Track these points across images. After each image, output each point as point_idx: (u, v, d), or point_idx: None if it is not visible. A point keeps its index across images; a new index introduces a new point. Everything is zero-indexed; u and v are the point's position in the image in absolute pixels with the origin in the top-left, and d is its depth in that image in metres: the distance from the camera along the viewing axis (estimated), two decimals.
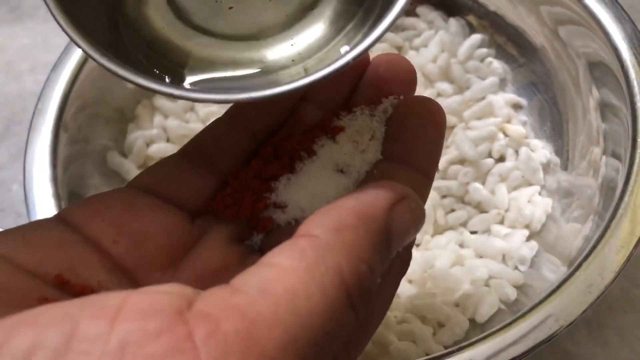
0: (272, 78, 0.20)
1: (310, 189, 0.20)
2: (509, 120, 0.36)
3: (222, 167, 0.21)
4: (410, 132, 0.21)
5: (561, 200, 0.34)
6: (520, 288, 0.31)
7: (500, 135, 0.35)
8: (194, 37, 0.21)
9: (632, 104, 0.29)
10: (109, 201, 0.19)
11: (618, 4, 0.32)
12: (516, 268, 0.32)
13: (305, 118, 0.22)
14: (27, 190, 0.30)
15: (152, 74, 0.19)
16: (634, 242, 0.26)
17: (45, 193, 0.30)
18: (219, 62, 0.20)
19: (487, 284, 0.31)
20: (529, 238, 0.33)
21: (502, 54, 0.39)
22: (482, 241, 0.33)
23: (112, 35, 0.19)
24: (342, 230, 0.14)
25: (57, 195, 0.30)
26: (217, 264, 0.19)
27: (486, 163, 0.35)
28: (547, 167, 0.35)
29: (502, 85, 0.38)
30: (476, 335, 0.25)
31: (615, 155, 0.30)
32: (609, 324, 0.31)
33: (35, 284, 0.16)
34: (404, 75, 0.22)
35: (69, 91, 0.33)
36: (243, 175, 0.21)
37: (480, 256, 0.33)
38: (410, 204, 0.16)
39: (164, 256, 0.19)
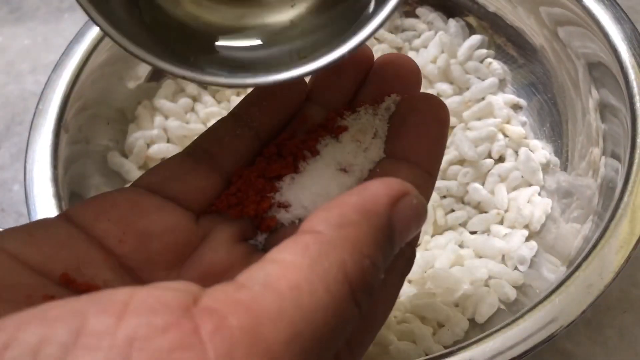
0: (272, 54, 0.20)
1: (314, 189, 0.20)
2: (508, 121, 0.36)
3: (226, 167, 0.21)
4: (412, 129, 0.21)
5: (561, 200, 0.34)
6: (520, 288, 0.31)
7: (500, 136, 0.35)
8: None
9: (632, 105, 0.29)
10: (115, 200, 0.19)
11: (617, 4, 0.32)
12: (516, 268, 0.32)
13: (309, 118, 0.22)
14: (27, 191, 0.30)
15: (163, 53, 0.19)
16: (634, 242, 0.26)
17: (46, 193, 0.30)
18: (221, 27, 0.20)
19: (486, 284, 0.31)
20: (528, 238, 0.33)
21: (501, 54, 0.39)
22: (481, 241, 0.33)
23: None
24: (345, 226, 0.14)
25: (58, 195, 0.30)
26: (222, 263, 0.19)
27: (486, 163, 0.35)
28: (546, 167, 0.35)
29: (501, 85, 0.38)
30: (476, 336, 0.25)
31: (615, 156, 0.30)
32: (609, 324, 0.31)
33: (41, 282, 0.16)
34: (409, 75, 0.22)
35: (70, 92, 0.33)
36: (247, 175, 0.21)
37: (479, 256, 0.33)
38: (412, 200, 0.16)
39: (169, 255, 0.19)
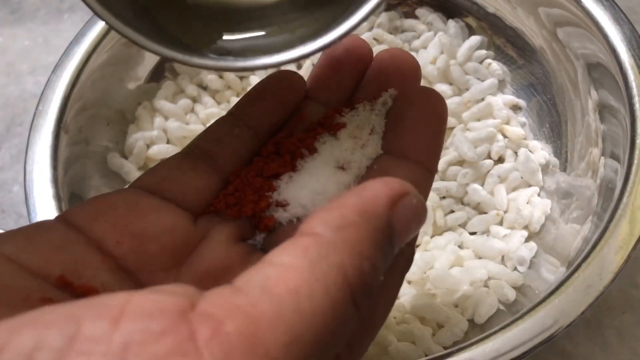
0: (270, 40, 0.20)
1: (312, 187, 0.20)
2: (507, 122, 0.36)
3: (225, 167, 0.21)
4: (410, 124, 0.20)
5: (560, 201, 0.34)
6: (519, 289, 0.31)
7: (499, 137, 0.35)
8: None
9: (631, 105, 0.29)
10: (112, 202, 0.19)
11: (616, 5, 0.32)
12: (515, 269, 0.32)
13: (308, 116, 0.22)
14: (27, 192, 0.30)
15: (152, 33, 0.19)
16: (633, 243, 0.26)
17: (46, 194, 0.30)
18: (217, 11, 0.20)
19: (486, 284, 0.31)
20: (528, 239, 0.33)
21: (501, 55, 0.39)
22: (481, 242, 0.33)
23: None
24: (345, 227, 0.14)
25: (58, 196, 0.30)
26: (220, 264, 0.19)
27: (485, 164, 0.35)
28: (546, 168, 0.35)
29: (501, 86, 0.38)
30: (475, 336, 0.25)
31: (614, 157, 0.30)
32: (608, 325, 0.31)
33: (39, 285, 0.16)
34: (408, 71, 0.22)
35: (70, 93, 0.33)
36: (245, 174, 0.21)
37: (479, 257, 0.33)
38: (412, 200, 0.15)
39: (167, 256, 0.19)
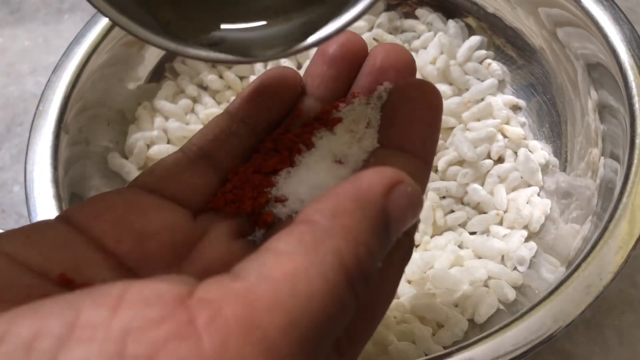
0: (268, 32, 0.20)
1: (310, 181, 0.20)
2: (507, 122, 0.36)
3: (223, 164, 0.21)
4: (405, 117, 0.20)
5: (560, 201, 0.34)
6: (519, 288, 0.31)
7: (499, 137, 0.35)
8: None
9: (630, 106, 0.29)
10: (112, 201, 0.19)
11: (616, 5, 0.32)
12: (515, 269, 0.32)
13: (304, 112, 0.22)
14: (28, 192, 0.30)
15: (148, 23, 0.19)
16: (633, 243, 0.26)
17: (46, 194, 0.30)
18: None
19: (486, 284, 0.31)
20: (527, 239, 0.33)
21: (500, 55, 0.39)
22: (481, 242, 0.33)
23: None
24: (340, 214, 0.14)
25: (58, 196, 0.30)
26: (221, 260, 0.19)
27: (485, 164, 0.35)
28: (545, 168, 0.35)
29: (500, 86, 0.38)
30: (475, 336, 0.25)
31: (614, 157, 0.30)
32: (608, 325, 0.31)
33: (40, 283, 0.16)
34: (403, 65, 0.22)
35: (70, 93, 0.33)
36: (243, 171, 0.21)
37: (479, 257, 0.33)
38: (406, 188, 0.15)
39: (167, 254, 0.19)
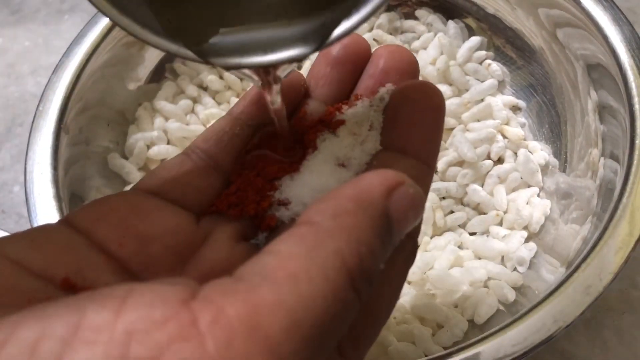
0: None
1: (313, 185, 0.20)
2: (507, 122, 0.36)
3: (226, 167, 0.21)
4: (407, 119, 0.20)
5: (559, 201, 0.34)
6: (519, 289, 0.31)
7: (499, 137, 0.36)
8: None
9: (630, 106, 0.29)
10: (114, 204, 0.19)
11: (616, 6, 0.32)
12: (515, 269, 0.32)
13: (308, 113, 0.22)
14: (28, 192, 0.30)
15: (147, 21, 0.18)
16: (632, 244, 0.26)
17: (46, 195, 0.30)
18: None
19: (486, 285, 0.31)
20: (527, 239, 0.33)
21: (500, 56, 0.39)
22: (481, 242, 0.33)
23: None
24: (341, 215, 0.14)
25: (58, 196, 0.30)
26: (223, 264, 0.19)
27: (485, 165, 0.35)
28: (545, 168, 0.35)
29: (500, 87, 0.38)
30: (475, 336, 0.25)
31: (614, 157, 0.30)
32: (608, 325, 0.31)
33: (43, 286, 0.16)
34: (406, 67, 0.22)
35: (70, 93, 0.33)
36: (247, 174, 0.21)
37: (479, 257, 0.33)
38: (408, 189, 0.15)
39: (170, 257, 0.19)
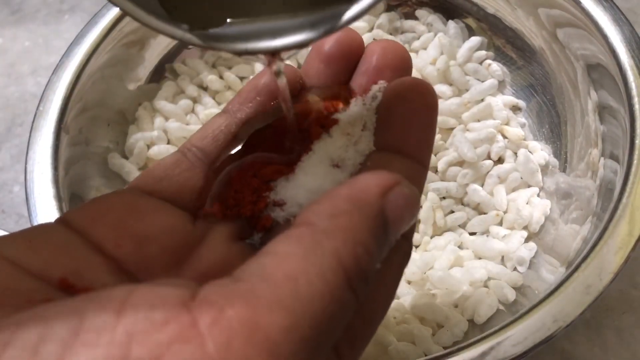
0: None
1: (308, 186, 0.20)
2: (507, 122, 0.36)
3: (222, 165, 0.21)
4: (400, 119, 0.20)
5: (559, 201, 0.34)
6: (519, 289, 0.31)
7: (499, 137, 0.36)
8: None
9: (630, 106, 0.29)
10: (111, 204, 0.19)
11: (616, 6, 0.32)
12: (515, 269, 0.32)
13: (304, 109, 0.22)
14: (28, 192, 0.30)
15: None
16: (632, 244, 0.26)
17: (46, 194, 0.30)
18: None
19: (486, 285, 0.31)
20: (527, 239, 0.33)
21: (500, 56, 0.39)
22: (481, 242, 0.33)
23: None
24: (337, 216, 0.15)
25: (58, 196, 0.30)
26: (220, 263, 0.19)
27: (485, 165, 0.35)
28: (545, 168, 0.35)
29: (500, 87, 0.38)
30: (475, 336, 0.25)
31: (614, 157, 0.30)
32: (608, 325, 0.31)
33: (41, 287, 0.16)
34: (399, 62, 0.21)
35: (70, 93, 0.33)
36: (243, 175, 0.21)
37: (479, 257, 0.33)
38: (403, 189, 0.16)
39: (167, 257, 0.19)
